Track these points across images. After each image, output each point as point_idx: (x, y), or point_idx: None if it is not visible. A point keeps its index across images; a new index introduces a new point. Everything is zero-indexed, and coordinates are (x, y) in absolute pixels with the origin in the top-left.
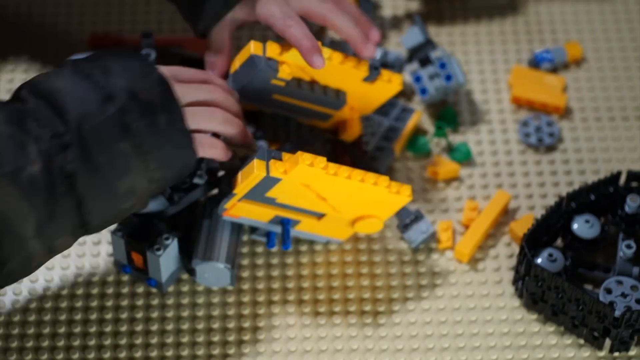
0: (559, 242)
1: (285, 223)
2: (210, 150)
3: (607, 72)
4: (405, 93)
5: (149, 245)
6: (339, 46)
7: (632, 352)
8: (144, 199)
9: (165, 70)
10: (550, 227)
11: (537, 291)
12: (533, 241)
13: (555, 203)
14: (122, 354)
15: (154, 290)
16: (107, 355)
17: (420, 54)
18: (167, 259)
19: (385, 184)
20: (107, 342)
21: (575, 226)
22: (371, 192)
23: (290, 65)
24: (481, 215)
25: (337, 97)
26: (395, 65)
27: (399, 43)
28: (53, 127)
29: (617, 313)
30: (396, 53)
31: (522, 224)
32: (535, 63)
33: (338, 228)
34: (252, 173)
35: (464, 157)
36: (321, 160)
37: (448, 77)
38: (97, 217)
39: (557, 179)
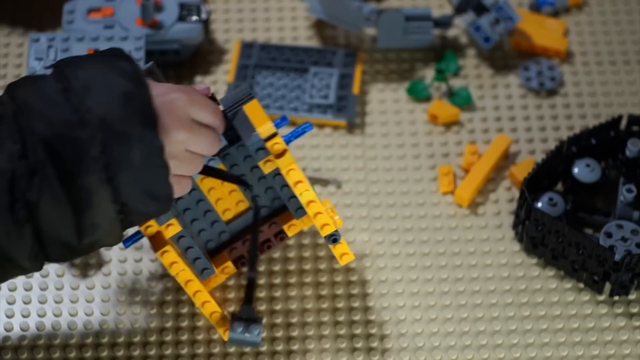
0: (560, 186)
1: None
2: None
3: (609, 16)
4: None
5: None
6: None
7: (632, 296)
8: (113, 233)
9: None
10: (550, 172)
11: (537, 235)
12: (533, 185)
13: (555, 147)
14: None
15: None
16: None
17: (472, 3)
18: None
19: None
20: None
21: (575, 170)
22: None
23: None
24: (481, 160)
25: None
26: (446, 23)
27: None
28: (22, 145)
29: (617, 257)
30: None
31: (522, 168)
32: (536, 6)
33: None
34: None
35: (464, 101)
36: None
37: (510, 19)
38: (53, 249)
39: (557, 123)
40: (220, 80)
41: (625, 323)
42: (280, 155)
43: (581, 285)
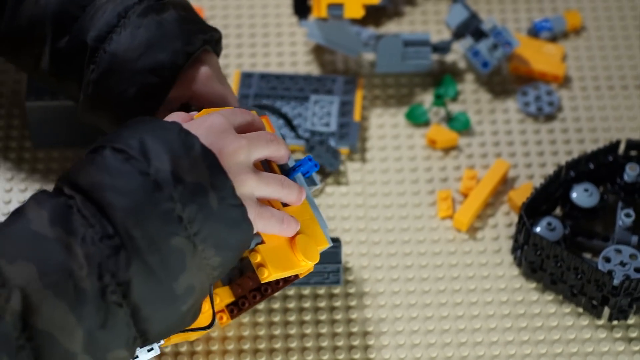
0: (558, 211)
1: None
2: (272, 219)
3: (607, 41)
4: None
5: None
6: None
7: (631, 321)
8: (205, 291)
9: (209, 123)
10: (549, 196)
11: (535, 260)
12: (532, 210)
13: (554, 172)
14: None
15: None
16: None
17: (470, 28)
18: None
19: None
20: None
21: (574, 195)
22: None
23: None
24: (480, 184)
25: None
26: (445, 48)
27: (440, 24)
28: (101, 226)
29: (616, 282)
30: (439, 37)
31: (521, 193)
32: (534, 32)
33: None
34: None
35: (463, 126)
36: None
37: (509, 44)
38: (155, 325)
39: (556, 147)
40: None
41: (624, 347)
42: None
43: (580, 309)
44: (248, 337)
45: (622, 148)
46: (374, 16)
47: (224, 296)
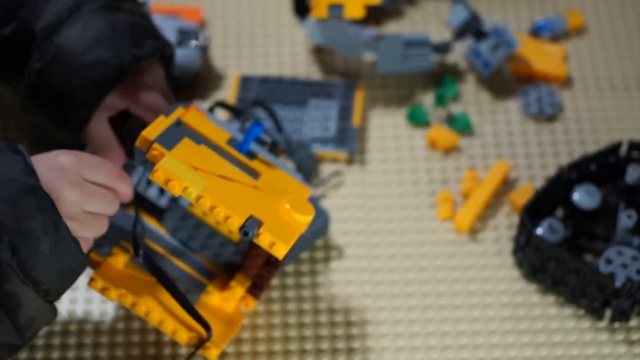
0: (559, 212)
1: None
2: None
3: (609, 42)
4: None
5: None
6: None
7: (632, 323)
8: (47, 314)
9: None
10: (550, 198)
11: (536, 262)
12: (533, 211)
13: (555, 173)
14: None
15: None
16: None
17: (471, 29)
18: None
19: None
20: None
21: (575, 196)
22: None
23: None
24: (481, 186)
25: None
26: (445, 49)
27: (440, 24)
28: None
29: (617, 284)
30: (439, 38)
31: (522, 194)
32: (535, 32)
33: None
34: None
35: (463, 127)
36: None
37: (509, 44)
38: (3, 352)
39: (557, 149)
40: None
41: (626, 350)
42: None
43: (581, 312)
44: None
45: (623, 149)
46: (374, 16)
47: (242, 283)
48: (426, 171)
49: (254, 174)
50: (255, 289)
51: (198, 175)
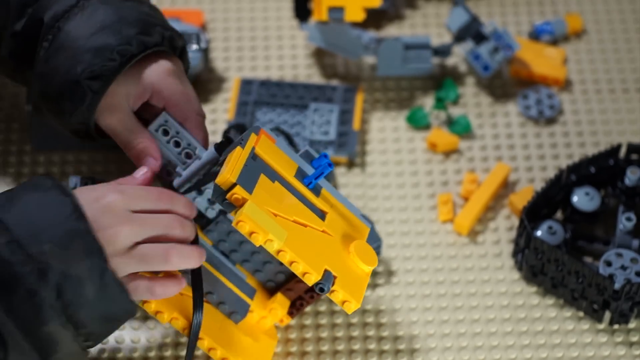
0: (559, 214)
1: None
2: (137, 290)
3: (608, 44)
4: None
5: None
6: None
7: (632, 325)
8: (77, 358)
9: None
10: (550, 200)
11: (536, 264)
12: (533, 214)
13: (555, 175)
14: None
15: None
16: None
17: (471, 32)
18: None
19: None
20: None
21: (575, 199)
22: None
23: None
24: (481, 188)
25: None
26: (445, 52)
27: (440, 27)
28: None
29: (617, 286)
30: (440, 41)
31: (521, 197)
32: (535, 35)
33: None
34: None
35: (463, 129)
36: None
37: (509, 47)
38: None
39: (557, 151)
40: (219, 109)
41: (625, 352)
42: (240, 207)
43: (581, 313)
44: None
45: (623, 151)
46: (374, 19)
47: (283, 305)
48: (426, 174)
49: (321, 214)
50: (293, 309)
51: (278, 225)
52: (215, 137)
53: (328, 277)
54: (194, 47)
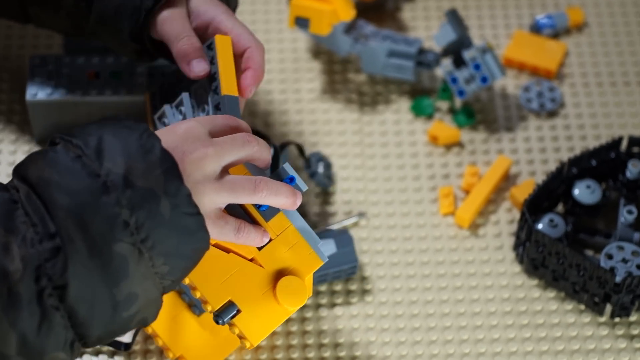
0: (560, 207)
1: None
2: (226, 227)
3: (609, 38)
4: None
5: None
6: None
7: (633, 318)
8: (153, 299)
9: (184, 128)
10: (551, 193)
11: (537, 257)
12: (534, 207)
13: (556, 168)
14: None
15: None
16: None
17: (454, 53)
18: None
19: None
20: None
21: (576, 192)
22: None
23: None
24: (482, 181)
25: None
26: (432, 65)
27: (442, 20)
28: (43, 224)
29: (618, 279)
30: (433, 52)
31: (523, 190)
32: (536, 28)
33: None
34: None
35: (468, 119)
36: None
37: (484, 79)
38: (94, 329)
39: (558, 144)
40: None
41: (626, 345)
42: None
43: (582, 306)
44: None
45: (624, 144)
46: (374, 14)
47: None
48: (428, 167)
49: None
50: None
51: None
52: None
53: (228, 309)
54: None
